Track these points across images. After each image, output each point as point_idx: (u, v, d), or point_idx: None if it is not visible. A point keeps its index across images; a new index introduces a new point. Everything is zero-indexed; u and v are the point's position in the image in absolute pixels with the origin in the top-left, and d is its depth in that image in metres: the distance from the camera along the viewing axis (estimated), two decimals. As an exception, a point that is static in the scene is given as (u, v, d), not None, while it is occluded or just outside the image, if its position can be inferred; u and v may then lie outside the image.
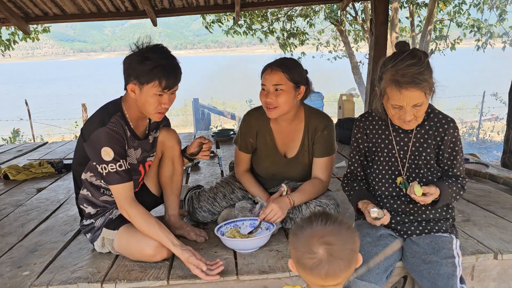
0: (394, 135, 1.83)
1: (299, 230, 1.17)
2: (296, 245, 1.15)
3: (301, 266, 1.14)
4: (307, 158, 2.25)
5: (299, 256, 1.14)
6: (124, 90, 1.93)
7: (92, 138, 1.83)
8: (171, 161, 2.16)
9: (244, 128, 2.30)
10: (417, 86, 1.61)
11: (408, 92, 1.62)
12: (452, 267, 1.64)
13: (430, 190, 1.66)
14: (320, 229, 1.14)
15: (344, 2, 5.03)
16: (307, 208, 2.13)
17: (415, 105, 1.65)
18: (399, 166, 1.82)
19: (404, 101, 1.64)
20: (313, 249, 1.11)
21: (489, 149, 8.72)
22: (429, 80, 1.64)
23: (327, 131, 2.21)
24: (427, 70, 1.64)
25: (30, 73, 58.85)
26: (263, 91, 2.14)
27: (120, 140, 1.86)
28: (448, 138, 1.77)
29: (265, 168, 2.33)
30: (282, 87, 2.08)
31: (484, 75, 21.93)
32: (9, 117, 11.87)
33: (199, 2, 4.80)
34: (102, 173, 1.85)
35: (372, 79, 4.73)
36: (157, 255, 1.87)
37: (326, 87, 11.21)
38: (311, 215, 1.20)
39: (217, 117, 13.75)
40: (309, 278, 1.15)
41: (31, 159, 4.33)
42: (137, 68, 1.82)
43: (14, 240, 2.29)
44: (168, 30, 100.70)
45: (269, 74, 2.10)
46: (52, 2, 4.48)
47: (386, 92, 1.67)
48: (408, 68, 1.61)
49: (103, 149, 1.82)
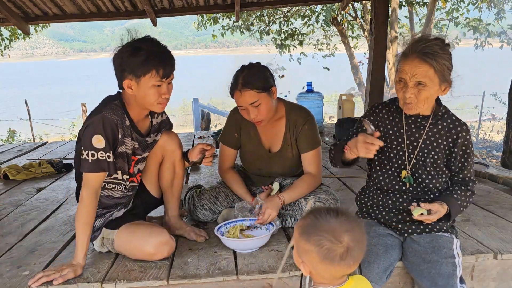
0: (406, 129, 1.82)
1: (313, 230, 1.17)
2: (317, 244, 1.15)
3: (328, 262, 1.15)
4: (290, 152, 2.28)
5: (324, 252, 1.15)
6: (120, 89, 1.89)
7: (87, 125, 1.81)
8: (172, 165, 2.14)
9: (229, 123, 2.36)
10: (423, 55, 1.60)
11: (413, 63, 1.62)
12: (452, 267, 1.63)
13: (433, 207, 1.64)
14: (335, 220, 1.18)
15: (344, 2, 5.03)
16: (307, 204, 2.13)
17: (418, 83, 1.64)
18: (406, 161, 1.82)
19: (408, 73, 1.64)
20: (339, 239, 1.15)
21: (489, 149, 8.71)
22: (441, 62, 1.62)
23: (308, 125, 2.24)
24: (444, 54, 1.63)
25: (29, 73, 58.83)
26: (243, 111, 2.16)
27: (113, 129, 1.82)
28: (461, 142, 1.77)
29: (251, 163, 2.37)
30: (258, 101, 2.10)
31: (484, 75, 21.94)
32: (8, 117, 11.87)
33: (199, 2, 4.79)
34: (87, 159, 1.78)
35: (372, 78, 4.73)
36: (158, 253, 1.87)
37: (326, 87, 11.21)
38: (316, 214, 1.21)
39: (217, 117, 13.73)
40: (336, 270, 1.17)
41: (31, 159, 4.33)
42: (131, 61, 1.77)
43: (14, 240, 2.29)
44: (168, 30, 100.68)
45: (240, 97, 2.11)
46: (52, 2, 4.48)
47: (398, 65, 1.69)
48: (421, 40, 1.63)
49: (95, 136, 1.78)
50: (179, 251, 2.01)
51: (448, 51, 1.66)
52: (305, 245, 1.18)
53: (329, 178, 3.20)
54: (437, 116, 1.79)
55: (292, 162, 2.31)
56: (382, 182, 1.86)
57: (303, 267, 1.21)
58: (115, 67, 1.84)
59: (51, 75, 56.63)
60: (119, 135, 1.86)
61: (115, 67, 1.84)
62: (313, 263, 1.18)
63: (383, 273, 1.68)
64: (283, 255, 1.91)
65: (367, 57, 5.37)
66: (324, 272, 1.19)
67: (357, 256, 1.17)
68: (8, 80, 49.02)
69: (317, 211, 1.22)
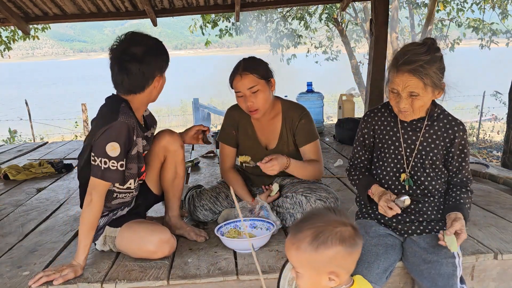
0: (402, 132, 1.82)
1: (326, 235, 1.16)
2: (341, 239, 1.15)
3: (353, 251, 1.17)
4: (286, 149, 2.29)
5: (349, 243, 1.16)
6: (133, 92, 1.87)
7: (104, 130, 1.77)
8: (174, 165, 2.14)
9: (226, 122, 2.38)
10: (413, 69, 1.59)
11: (404, 76, 1.61)
12: (452, 267, 1.63)
13: (456, 227, 1.62)
14: (333, 214, 1.21)
15: (344, 2, 5.03)
16: (307, 202, 2.13)
17: (411, 94, 1.64)
18: (404, 164, 1.82)
19: (400, 85, 1.63)
20: (345, 222, 1.19)
21: (490, 149, 8.71)
22: (431, 72, 1.61)
23: (304, 119, 2.25)
24: (432, 61, 1.61)
25: (30, 73, 58.85)
26: (240, 98, 2.17)
27: (130, 135, 1.82)
28: (458, 141, 1.77)
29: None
30: (257, 87, 2.12)
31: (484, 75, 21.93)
32: (8, 117, 11.87)
33: (199, 2, 4.79)
34: (100, 166, 1.77)
35: (372, 79, 4.73)
36: (158, 252, 1.88)
37: (326, 87, 11.20)
38: (312, 222, 1.19)
39: (217, 117, 13.73)
40: (357, 255, 1.20)
41: (31, 159, 4.33)
42: (159, 59, 1.86)
43: (14, 240, 2.29)
44: (168, 30, 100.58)
45: (239, 81, 2.14)
46: (52, 2, 4.48)
47: (389, 77, 1.68)
48: (409, 51, 1.61)
49: (110, 143, 1.76)
50: (179, 251, 2.01)
51: (437, 57, 1.64)
52: (328, 252, 1.14)
53: (329, 178, 3.20)
54: (432, 117, 1.79)
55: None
56: (382, 186, 1.86)
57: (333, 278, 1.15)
58: (132, 71, 1.81)
59: (51, 75, 56.65)
60: (134, 137, 1.86)
61: (132, 71, 1.81)
62: (342, 264, 1.16)
63: (383, 273, 1.68)
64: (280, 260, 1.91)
65: (367, 57, 5.37)
66: (352, 265, 1.20)
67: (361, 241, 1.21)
68: (8, 80, 49.02)
69: (310, 221, 1.19)
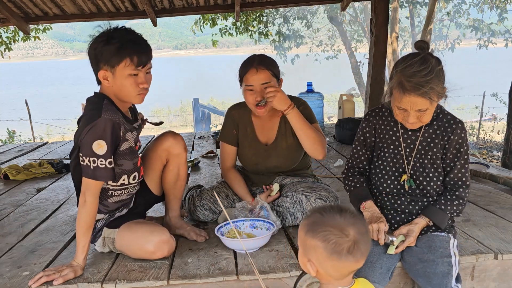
0: (402, 132, 1.83)
1: (319, 226, 1.18)
2: (324, 239, 1.16)
3: (336, 257, 1.16)
4: (285, 142, 2.29)
5: (332, 247, 1.15)
6: (97, 83, 1.84)
7: (88, 129, 1.75)
8: (177, 168, 2.13)
9: (227, 121, 2.39)
10: (421, 94, 1.59)
11: (411, 98, 1.61)
12: (448, 266, 1.64)
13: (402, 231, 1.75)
14: (339, 216, 1.19)
15: (344, 2, 5.03)
16: (307, 201, 2.13)
17: (419, 110, 1.65)
18: (404, 164, 1.82)
19: (408, 105, 1.64)
20: (345, 232, 1.16)
21: (490, 149, 8.71)
22: (436, 88, 1.60)
23: (302, 106, 2.25)
24: (436, 78, 1.60)
25: (30, 73, 58.86)
26: (250, 92, 2.15)
27: (116, 131, 1.78)
28: (454, 139, 1.76)
29: (248, 159, 2.38)
30: (270, 84, 2.12)
31: (484, 75, 21.93)
32: (8, 117, 11.87)
33: (199, 2, 4.80)
34: (89, 165, 1.74)
35: (372, 79, 4.73)
36: (158, 252, 1.87)
37: (326, 87, 11.21)
38: (321, 211, 1.22)
39: (217, 117, 13.74)
40: (343, 265, 1.18)
41: (31, 159, 4.33)
42: (104, 50, 1.73)
43: (14, 240, 2.29)
44: (168, 30, 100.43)
45: (255, 74, 2.11)
46: (52, 2, 4.48)
47: (393, 93, 1.68)
48: (414, 75, 1.59)
49: (96, 142, 1.73)
50: (179, 251, 2.01)
51: (439, 70, 1.63)
52: (312, 241, 1.18)
53: (329, 178, 3.20)
54: (432, 117, 1.79)
55: (287, 152, 2.30)
56: (381, 186, 1.86)
57: (310, 267, 1.20)
58: (90, 57, 1.80)
59: (52, 75, 56.67)
60: (121, 133, 1.83)
61: (90, 57, 1.80)
62: (320, 260, 1.18)
63: (386, 273, 1.68)
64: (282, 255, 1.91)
65: (367, 57, 5.37)
66: (332, 269, 1.19)
67: (364, 249, 1.19)
68: (8, 80, 49.03)
69: (321, 209, 1.22)
